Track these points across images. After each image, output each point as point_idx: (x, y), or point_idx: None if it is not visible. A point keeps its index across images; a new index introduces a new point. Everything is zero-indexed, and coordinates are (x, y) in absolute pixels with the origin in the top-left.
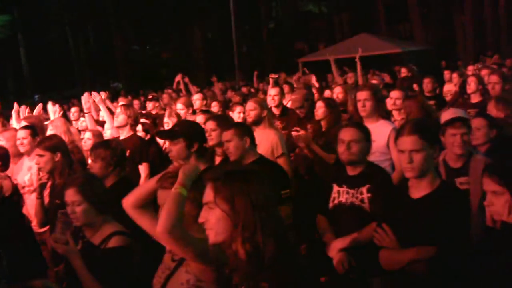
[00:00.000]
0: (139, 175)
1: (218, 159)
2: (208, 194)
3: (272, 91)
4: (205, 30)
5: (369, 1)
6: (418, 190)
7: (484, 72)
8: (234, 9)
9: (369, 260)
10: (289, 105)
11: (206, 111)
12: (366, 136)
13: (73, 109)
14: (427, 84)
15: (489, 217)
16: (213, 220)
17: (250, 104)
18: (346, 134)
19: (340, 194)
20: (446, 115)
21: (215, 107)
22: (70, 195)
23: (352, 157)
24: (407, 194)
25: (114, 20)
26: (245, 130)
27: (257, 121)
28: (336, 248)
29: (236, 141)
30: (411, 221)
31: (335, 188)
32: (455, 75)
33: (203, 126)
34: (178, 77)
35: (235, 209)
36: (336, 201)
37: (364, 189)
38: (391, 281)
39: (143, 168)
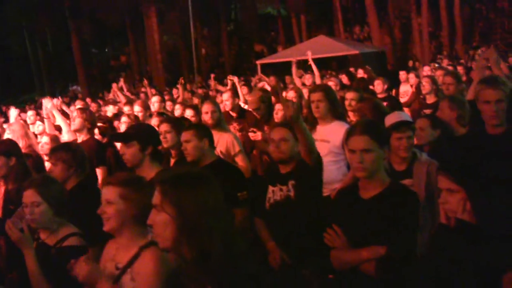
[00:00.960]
0: (96, 178)
1: (173, 162)
2: (156, 197)
3: (224, 96)
4: (163, 33)
5: (327, 3)
6: (368, 191)
7: (439, 73)
8: (193, 12)
9: (305, 256)
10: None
11: (161, 114)
12: (295, 135)
13: (29, 113)
14: (378, 85)
15: (444, 214)
16: (160, 224)
17: (210, 106)
18: (276, 134)
19: (274, 193)
20: (390, 119)
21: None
22: (29, 196)
23: (282, 155)
24: (358, 194)
25: (72, 23)
26: (204, 131)
27: (218, 123)
28: (272, 245)
29: (195, 142)
30: (361, 221)
31: (270, 188)
32: (411, 76)
33: (157, 128)
34: (121, 82)
35: (182, 213)
36: (272, 201)
37: (290, 185)
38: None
39: (100, 172)
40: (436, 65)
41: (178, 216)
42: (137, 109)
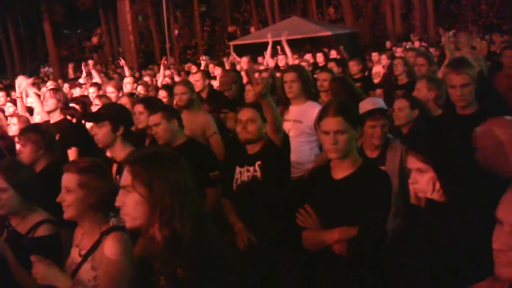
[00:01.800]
0: (67, 160)
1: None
2: (126, 178)
3: (195, 77)
4: (136, 14)
5: None
6: (341, 171)
7: (410, 54)
8: None
9: (274, 236)
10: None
11: (132, 94)
12: (262, 115)
13: None
14: (353, 66)
15: (413, 195)
16: (130, 205)
17: (181, 88)
18: (243, 114)
19: (242, 174)
20: (364, 105)
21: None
22: None
23: (248, 135)
24: (329, 174)
25: (43, 4)
26: (172, 112)
27: (188, 105)
28: (239, 226)
29: (165, 124)
30: (333, 202)
31: (237, 169)
32: (383, 57)
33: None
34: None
35: (153, 193)
36: (239, 182)
37: (257, 165)
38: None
39: (71, 153)
40: (407, 46)
41: (149, 194)
42: (110, 90)
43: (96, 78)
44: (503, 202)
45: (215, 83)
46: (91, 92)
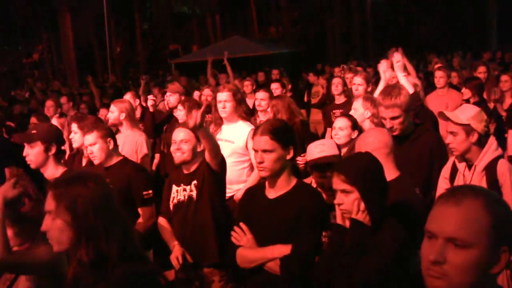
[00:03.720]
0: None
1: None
2: (50, 203)
3: (127, 96)
4: (78, 30)
5: (242, 4)
6: (274, 190)
7: (348, 74)
8: (107, 9)
9: (207, 255)
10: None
11: (63, 115)
12: (196, 136)
13: None
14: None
15: (339, 215)
16: (55, 230)
17: (113, 106)
18: (177, 135)
19: (178, 193)
20: (312, 151)
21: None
22: None
23: (183, 157)
24: (264, 193)
25: None
26: (108, 131)
27: (119, 123)
28: (175, 244)
29: (101, 144)
30: (267, 220)
31: (174, 188)
32: (322, 78)
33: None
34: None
35: (77, 216)
36: (175, 201)
37: (193, 185)
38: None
39: (8, 172)
40: (345, 66)
41: (73, 219)
42: (49, 104)
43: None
44: (433, 215)
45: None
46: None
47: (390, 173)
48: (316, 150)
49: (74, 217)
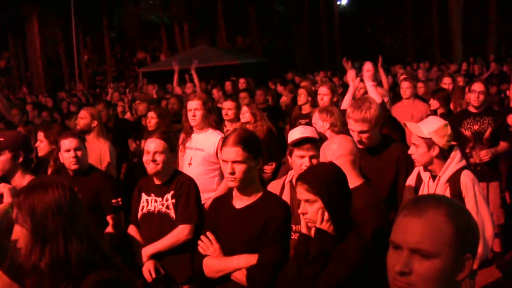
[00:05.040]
0: None
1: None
2: (15, 211)
3: (98, 107)
4: (45, 38)
5: (210, 13)
6: (242, 200)
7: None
8: (75, 17)
9: (178, 267)
10: None
11: (28, 123)
12: (170, 147)
13: None
14: (259, 96)
15: (304, 225)
16: (21, 239)
17: (82, 113)
18: (150, 146)
19: (148, 203)
20: (293, 134)
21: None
22: None
23: (158, 168)
24: (231, 203)
25: None
26: (82, 138)
27: (87, 130)
28: (145, 255)
29: (83, 150)
30: (234, 230)
31: (144, 197)
32: (288, 88)
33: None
34: None
35: (35, 220)
36: (145, 210)
37: (169, 196)
38: None
39: None
40: (311, 76)
41: (32, 225)
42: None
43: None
44: (398, 226)
45: None
46: None
47: (354, 180)
48: (298, 131)
49: (32, 222)
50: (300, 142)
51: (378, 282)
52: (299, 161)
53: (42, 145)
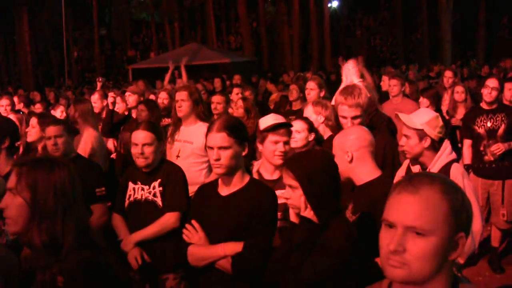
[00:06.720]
0: None
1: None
2: (12, 180)
3: (93, 98)
4: (35, 34)
5: (201, 11)
6: (227, 187)
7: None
8: (65, 13)
9: (163, 255)
10: None
11: (18, 111)
12: (158, 136)
13: None
14: (249, 96)
15: (293, 213)
16: (13, 207)
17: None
18: (137, 137)
19: (135, 191)
20: (266, 120)
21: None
22: None
23: (148, 161)
24: (217, 191)
25: None
26: (71, 127)
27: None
28: (130, 242)
29: (66, 137)
30: (219, 218)
31: (131, 185)
32: (279, 86)
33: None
34: None
35: (36, 196)
36: (132, 198)
37: (156, 184)
38: (191, 278)
39: None
40: (302, 74)
41: (32, 199)
42: (4, 102)
43: None
44: (391, 204)
45: None
46: None
47: (373, 171)
48: (271, 118)
49: (33, 196)
50: (275, 127)
51: (365, 270)
52: (272, 146)
53: (33, 131)
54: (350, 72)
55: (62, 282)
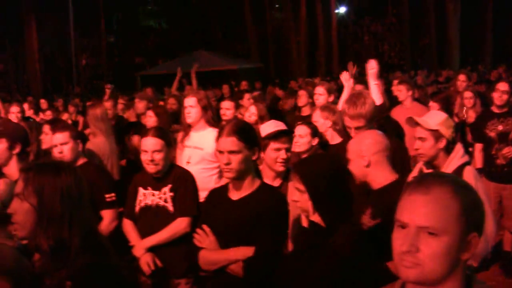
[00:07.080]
0: None
1: None
2: (19, 185)
3: (106, 105)
4: (43, 41)
5: (208, 19)
6: (238, 192)
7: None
8: (74, 21)
9: (174, 260)
10: None
11: (27, 118)
12: (167, 143)
13: None
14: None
15: (304, 218)
16: (20, 212)
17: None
18: (147, 144)
19: (146, 197)
20: (267, 128)
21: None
22: None
23: (158, 168)
24: (227, 195)
25: None
26: (78, 133)
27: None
28: (142, 248)
29: (72, 144)
30: (230, 222)
31: (141, 191)
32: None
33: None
34: None
35: (43, 200)
36: (142, 204)
37: (166, 189)
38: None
39: None
40: (310, 80)
41: (39, 204)
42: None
43: None
44: (404, 205)
45: None
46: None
47: (389, 176)
48: (272, 125)
49: (40, 201)
50: (277, 135)
51: (372, 275)
52: (274, 154)
53: (47, 138)
54: (370, 73)
55: (70, 287)
